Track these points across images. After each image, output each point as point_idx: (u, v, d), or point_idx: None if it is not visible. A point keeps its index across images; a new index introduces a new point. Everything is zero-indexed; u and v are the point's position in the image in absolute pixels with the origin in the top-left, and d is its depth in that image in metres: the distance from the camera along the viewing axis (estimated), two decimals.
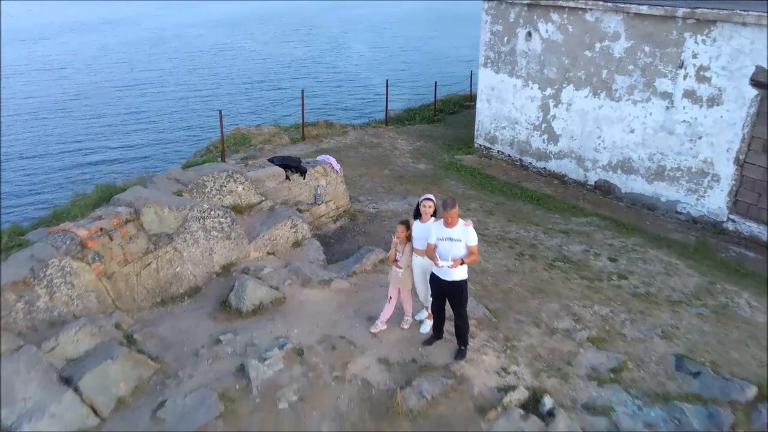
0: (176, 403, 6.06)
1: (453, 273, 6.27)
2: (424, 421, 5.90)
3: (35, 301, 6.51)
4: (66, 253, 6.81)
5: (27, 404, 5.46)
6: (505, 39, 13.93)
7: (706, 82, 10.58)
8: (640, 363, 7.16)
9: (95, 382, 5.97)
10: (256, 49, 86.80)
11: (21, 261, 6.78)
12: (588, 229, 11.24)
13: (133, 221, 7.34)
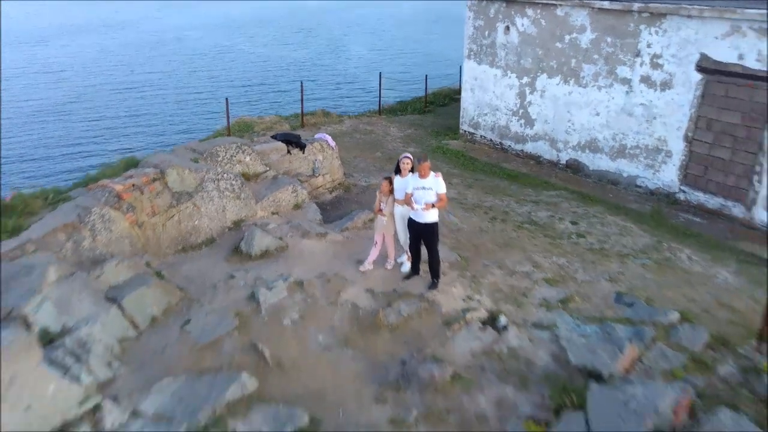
0: (199, 321, 7.43)
1: (426, 216, 7.64)
2: (400, 333, 7.27)
3: (81, 241, 7.87)
4: (105, 203, 8.18)
5: (83, 314, 6.82)
6: (486, 33, 15.32)
7: (659, 69, 11.96)
8: (585, 297, 8.54)
9: (134, 302, 7.33)
10: (256, 52, 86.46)
11: (69, 209, 8.15)
12: (556, 200, 12.62)
13: (159, 180, 8.72)
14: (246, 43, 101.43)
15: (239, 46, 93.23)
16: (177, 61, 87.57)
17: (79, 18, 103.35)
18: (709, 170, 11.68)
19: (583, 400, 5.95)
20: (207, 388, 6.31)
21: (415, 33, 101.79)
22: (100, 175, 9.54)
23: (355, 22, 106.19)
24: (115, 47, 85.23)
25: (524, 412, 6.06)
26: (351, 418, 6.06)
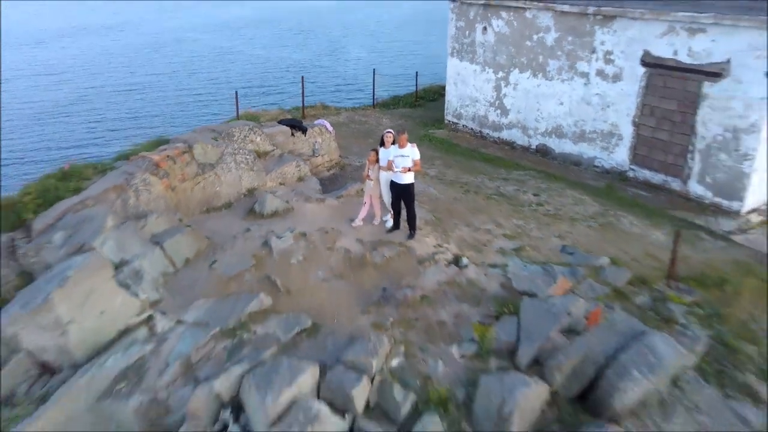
0: (224, 261, 9.32)
1: (404, 178, 9.52)
2: (383, 270, 9.16)
3: (127, 200, 9.75)
4: (145, 170, 10.06)
5: (134, 251, 8.70)
6: (467, 33, 17.20)
7: (611, 64, 13.84)
8: (535, 248, 10.43)
9: (172, 246, 9.21)
10: (255, 53, 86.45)
11: (116, 175, 10.04)
12: (524, 178, 14.50)
13: (187, 153, 10.61)
14: (245, 44, 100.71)
15: (238, 47, 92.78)
16: (177, 63, 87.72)
17: (79, 19, 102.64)
18: (652, 151, 13.55)
19: (518, 309, 7.85)
20: (233, 304, 8.20)
21: (414, 35, 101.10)
22: (136, 150, 11.43)
23: (354, 24, 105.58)
24: (115, 48, 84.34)
25: (474, 319, 7.97)
26: (343, 323, 7.96)
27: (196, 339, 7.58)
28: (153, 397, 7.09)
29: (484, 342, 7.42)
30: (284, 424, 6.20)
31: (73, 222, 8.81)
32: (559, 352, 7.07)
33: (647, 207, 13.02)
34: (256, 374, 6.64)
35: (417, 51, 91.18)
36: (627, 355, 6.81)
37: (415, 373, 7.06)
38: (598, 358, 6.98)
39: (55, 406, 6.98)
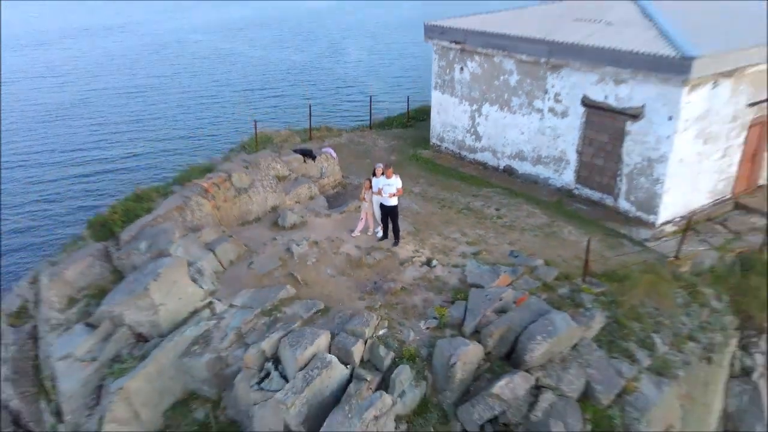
0: (258, 262, 12.61)
1: (390, 201, 12.79)
2: (374, 268, 12.45)
3: (186, 217, 13.03)
4: (197, 194, 13.35)
5: (196, 255, 11.97)
6: (447, 71, 20.44)
7: (559, 103, 17.08)
8: (490, 253, 13.71)
9: (221, 251, 12.49)
10: (256, 55, 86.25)
11: (176, 197, 13.33)
12: (491, 194, 17.74)
13: (227, 180, 13.90)
14: (246, 46, 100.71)
15: (239, 48, 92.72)
16: (179, 65, 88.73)
17: (80, 20, 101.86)
18: (592, 173, 16.77)
19: (467, 296, 11.17)
20: (267, 293, 11.49)
21: (415, 35, 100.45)
22: (188, 175, 14.71)
23: (354, 25, 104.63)
24: (116, 50, 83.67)
25: (437, 303, 11.28)
26: (345, 306, 11.26)
27: (243, 317, 10.87)
28: (217, 355, 10.38)
29: (442, 318, 10.73)
30: (308, 369, 9.51)
31: (150, 234, 12.09)
32: (491, 324, 10.38)
33: (585, 219, 16.28)
34: (289, 338, 9.94)
35: (416, 53, 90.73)
36: (534, 326, 10.12)
37: (394, 338, 10.37)
38: (517, 328, 10.29)
39: (152, 362, 10.28)
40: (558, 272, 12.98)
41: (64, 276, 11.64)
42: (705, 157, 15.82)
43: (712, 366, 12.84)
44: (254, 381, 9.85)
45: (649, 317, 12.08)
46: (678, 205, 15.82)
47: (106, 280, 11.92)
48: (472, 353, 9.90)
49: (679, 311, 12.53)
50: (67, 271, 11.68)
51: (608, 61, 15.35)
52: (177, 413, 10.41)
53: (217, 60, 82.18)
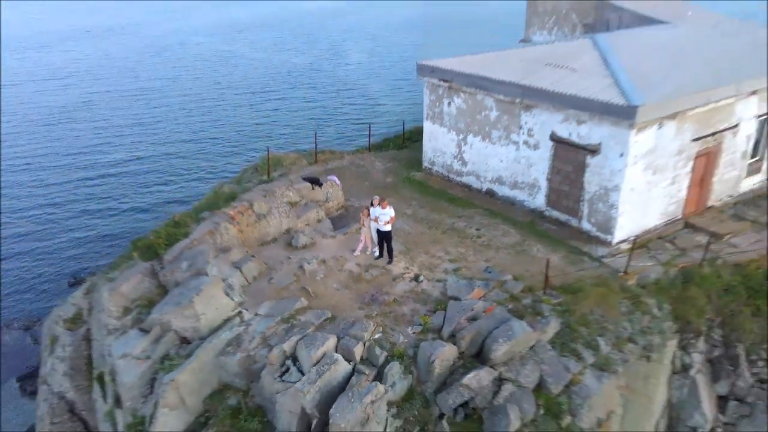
0: (277, 277, 15.22)
1: (385, 227, 15.42)
2: (372, 283, 15.06)
3: (217, 239, 15.65)
4: (225, 220, 15.97)
5: (226, 273, 14.58)
6: (437, 104, 23.05)
7: (532, 137, 19.69)
8: (468, 269, 16.33)
9: (246, 269, 15.10)
10: (256, 57, 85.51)
11: (208, 223, 15.95)
12: (473, 215, 20.31)
13: (249, 208, 16.52)
14: (247, 48, 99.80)
15: (240, 51, 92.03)
16: (180, 67, 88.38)
17: (81, 21, 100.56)
18: (559, 198, 19.35)
19: (446, 307, 13.79)
20: (285, 304, 14.10)
21: (415, 37, 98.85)
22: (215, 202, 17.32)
23: (355, 26, 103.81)
24: (118, 52, 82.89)
25: (422, 312, 13.90)
26: (348, 314, 13.87)
27: (267, 323, 13.48)
28: (246, 354, 12.99)
29: (425, 325, 13.36)
30: (320, 365, 12.12)
31: (189, 255, 14.70)
32: (464, 329, 13.01)
33: (553, 238, 18.88)
34: (304, 341, 12.55)
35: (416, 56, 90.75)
36: (497, 331, 12.74)
37: (387, 341, 12.99)
38: (484, 333, 12.91)
39: (195, 360, 12.89)
40: (523, 285, 15.58)
41: (120, 290, 14.26)
42: (654, 185, 18.43)
43: (652, 363, 15.44)
44: (277, 375, 12.44)
45: (596, 323, 14.67)
46: (631, 226, 18.42)
47: (154, 293, 14.54)
48: (448, 353, 12.52)
49: (622, 318, 15.14)
50: (123, 285, 14.30)
51: (571, 104, 17.97)
52: (214, 400, 13.02)
53: (218, 62, 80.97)
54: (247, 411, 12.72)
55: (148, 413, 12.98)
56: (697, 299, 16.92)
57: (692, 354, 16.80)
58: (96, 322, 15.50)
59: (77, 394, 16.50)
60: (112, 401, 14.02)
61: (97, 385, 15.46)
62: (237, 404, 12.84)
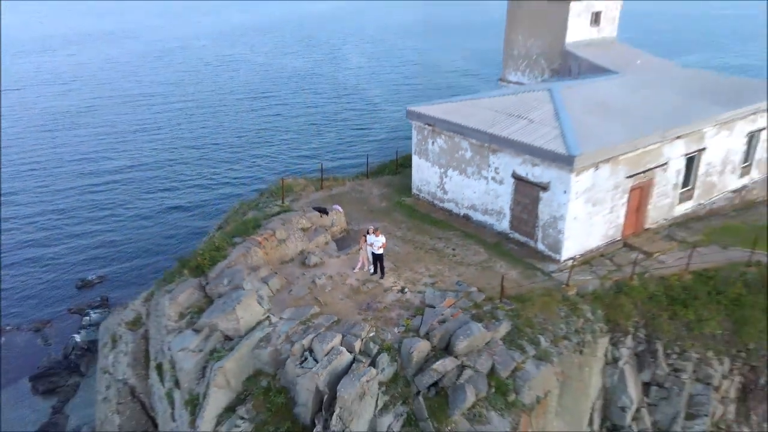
0: (294, 290, 19.59)
1: (378, 251, 19.82)
2: (368, 294, 19.44)
3: (248, 260, 20.04)
4: (254, 245, 20.39)
5: (257, 286, 18.98)
6: (423, 143, 27.46)
7: (498, 174, 24.10)
8: (443, 282, 20.72)
9: (271, 283, 19.47)
10: (257, 61, 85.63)
11: (241, 247, 20.34)
12: (451, 236, 24.71)
13: (273, 235, 20.95)
14: (248, 51, 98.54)
15: (241, 54, 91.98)
16: (182, 72, 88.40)
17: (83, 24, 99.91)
18: (520, 224, 23.71)
19: (423, 312, 18.21)
20: (303, 310, 18.49)
21: (414, 41, 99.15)
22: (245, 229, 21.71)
23: (354, 29, 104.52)
24: (120, 56, 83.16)
25: (405, 316, 18.31)
26: (350, 318, 18.26)
27: (289, 325, 17.86)
28: (275, 348, 17.38)
29: (407, 326, 17.76)
30: (330, 355, 16.51)
31: (229, 273, 19.09)
32: (436, 329, 17.41)
33: (514, 256, 23.28)
34: (318, 338, 16.94)
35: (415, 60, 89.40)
36: (459, 330, 17.14)
37: (379, 338, 17.38)
38: (451, 332, 17.32)
39: (237, 352, 17.28)
40: (485, 296, 19.96)
41: (177, 300, 18.64)
42: (595, 213, 22.85)
43: (584, 356, 19.80)
44: (297, 363, 16.82)
45: (539, 325, 19.05)
46: (576, 247, 22.84)
47: (202, 302, 18.92)
48: (423, 346, 16.92)
49: (560, 321, 19.55)
50: (179, 296, 18.69)
51: (527, 151, 22.40)
52: (251, 382, 17.38)
53: (220, 66, 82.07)
54: (275, 390, 17.08)
55: (201, 392, 17.36)
56: (626, 306, 21.31)
57: (621, 349, 21.17)
58: (155, 324, 19.89)
59: (137, 380, 20.91)
60: (171, 384, 18.38)
61: (155, 373, 19.82)
62: (267, 385, 17.21)
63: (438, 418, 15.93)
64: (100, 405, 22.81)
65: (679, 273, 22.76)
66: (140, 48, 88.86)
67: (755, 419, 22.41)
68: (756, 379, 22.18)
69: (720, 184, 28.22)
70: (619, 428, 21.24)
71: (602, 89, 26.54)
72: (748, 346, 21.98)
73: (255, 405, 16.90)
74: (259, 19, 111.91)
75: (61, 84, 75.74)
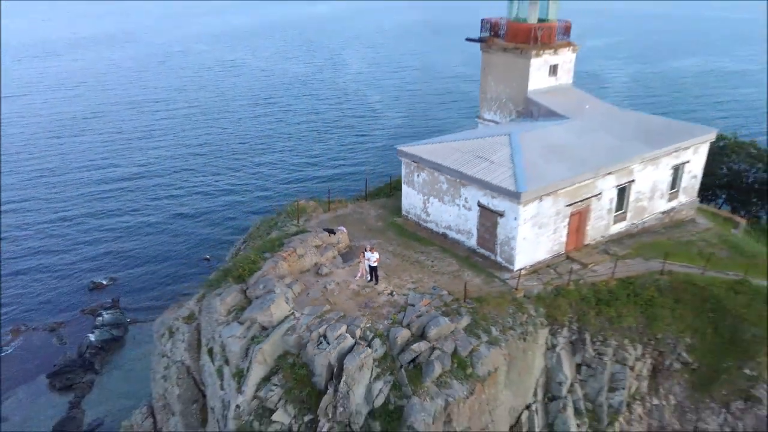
0: (311, 293, 26.10)
1: (373, 264, 26.35)
2: (365, 296, 25.95)
3: (276, 271, 26.51)
4: (280, 259, 26.93)
5: (284, 290, 25.49)
6: (410, 175, 34.00)
7: (467, 203, 30.61)
8: (422, 287, 27.23)
9: (294, 288, 25.97)
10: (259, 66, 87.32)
11: (271, 261, 26.88)
12: (431, 251, 31.18)
13: (294, 251, 27.51)
14: (249, 56, 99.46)
15: (242, 59, 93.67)
16: (186, 77, 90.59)
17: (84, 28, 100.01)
18: (485, 241, 30.21)
19: (406, 309, 24.75)
20: (318, 308, 25.00)
21: (414, 45, 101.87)
22: (272, 246, 28.22)
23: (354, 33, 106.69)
24: (123, 61, 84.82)
25: (393, 312, 24.85)
26: (352, 314, 24.76)
27: (308, 319, 24.37)
28: (298, 335, 23.92)
29: (394, 319, 24.29)
30: (338, 339, 23.03)
31: (263, 281, 25.60)
32: (414, 322, 23.96)
33: (479, 267, 29.78)
34: (329, 327, 23.41)
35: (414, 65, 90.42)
36: (431, 322, 23.69)
37: (373, 328, 23.91)
38: (425, 324, 23.87)
39: (271, 338, 23.83)
40: (453, 297, 26.48)
41: (225, 300, 25.17)
42: (541, 234, 29.36)
43: (528, 342, 26.27)
44: (315, 345, 23.35)
45: (492, 319, 25.56)
46: (526, 260, 29.36)
47: (243, 302, 25.44)
48: (405, 333, 23.45)
49: (508, 316, 26.07)
50: (227, 298, 25.21)
51: (487, 187, 28.93)
52: (281, 359, 23.86)
53: (222, 72, 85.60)
54: (298, 365, 23.54)
55: (245, 367, 23.86)
56: (563, 305, 27.78)
57: (558, 338, 27.62)
58: (206, 318, 26.40)
59: (192, 362, 27.41)
60: (222, 362, 24.88)
61: (207, 356, 26.31)
62: (293, 362, 23.70)
63: (415, 384, 22.44)
64: (159, 382, 29.29)
65: (606, 280, 29.25)
66: (142, 52, 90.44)
67: (662, 392, 28.95)
68: (663, 361, 28.67)
69: (650, 207, 34.77)
70: (557, 398, 27.64)
71: (552, 133, 33.10)
72: (657, 336, 28.43)
73: (284, 376, 23.39)
74: (258, 22, 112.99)
75: (67, 89, 76.28)
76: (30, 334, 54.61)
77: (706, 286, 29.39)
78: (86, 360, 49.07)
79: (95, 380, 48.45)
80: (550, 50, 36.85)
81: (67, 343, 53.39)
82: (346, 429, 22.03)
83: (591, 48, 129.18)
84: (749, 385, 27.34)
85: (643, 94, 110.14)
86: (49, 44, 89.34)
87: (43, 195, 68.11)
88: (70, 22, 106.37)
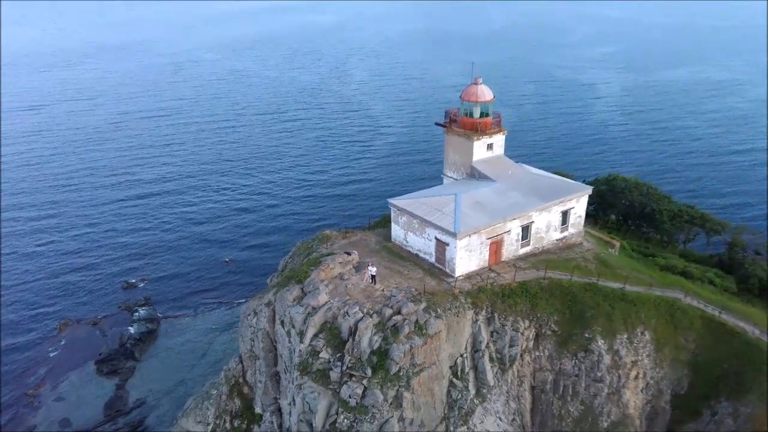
0: (338, 290, 45.43)
1: (373, 273, 45.65)
2: (369, 292, 45.36)
3: (319, 277, 45.83)
4: (321, 270, 46.26)
5: (324, 289, 44.77)
6: (396, 217, 52.94)
7: (429, 236, 49.45)
8: (400, 287, 46.62)
9: (330, 287, 45.40)
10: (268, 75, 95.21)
11: (316, 272, 46.29)
12: (408, 265, 50.20)
13: (329, 267, 46.85)
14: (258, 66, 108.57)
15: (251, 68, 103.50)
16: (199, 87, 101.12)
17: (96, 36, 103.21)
18: (440, 258, 48.97)
19: (391, 299, 44.14)
20: (343, 298, 44.37)
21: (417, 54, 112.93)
22: (316, 263, 47.51)
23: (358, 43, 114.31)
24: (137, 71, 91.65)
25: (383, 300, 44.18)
26: (362, 301, 44.03)
27: (338, 303, 43.59)
28: (333, 312, 43.14)
29: (384, 304, 43.69)
30: (354, 315, 42.38)
31: (312, 282, 44.70)
32: (395, 305, 43.30)
33: (436, 275, 48.80)
34: (349, 308, 42.72)
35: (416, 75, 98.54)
36: (403, 305, 43.03)
37: (372, 309, 43.25)
38: (401, 305, 43.22)
39: (318, 314, 43.29)
40: (418, 292, 45.62)
41: (292, 293, 44.53)
42: (472, 256, 48.46)
43: (459, 317, 45.59)
44: (342, 317, 42.64)
45: (439, 305, 44.83)
46: (463, 270, 48.57)
47: (301, 294, 44.40)
48: (389, 312, 42.78)
49: (448, 303, 45.39)
50: (293, 292, 44.57)
51: (439, 228, 48.14)
52: (324, 326, 42.86)
53: (234, 82, 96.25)
54: (334, 328, 42.70)
55: (304, 330, 43.25)
56: (482, 297, 47.10)
57: (479, 316, 46.89)
58: (280, 303, 45.62)
59: (269, 329, 46.92)
60: (290, 327, 44.28)
61: (279, 325, 45.75)
62: (330, 327, 42.92)
63: (394, 337, 41.76)
64: (247, 342, 48.75)
65: (510, 282, 48.61)
66: (155, 61, 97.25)
67: (540, 348, 48.23)
68: (541, 329, 47.94)
69: (547, 237, 54.04)
70: (479, 350, 46.82)
71: (481, 194, 52.20)
72: (537, 315, 47.67)
73: (325, 335, 42.72)
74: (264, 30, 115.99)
75: (86, 100, 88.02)
76: (76, 328, 58.79)
77: (569, 286, 48.60)
78: (127, 349, 54.00)
79: (136, 366, 53.06)
80: (487, 135, 56.10)
81: (108, 335, 57.75)
82: (359, 361, 41.43)
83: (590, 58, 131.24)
84: (587, 343, 46.67)
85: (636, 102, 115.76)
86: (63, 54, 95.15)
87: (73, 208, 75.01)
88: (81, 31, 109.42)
